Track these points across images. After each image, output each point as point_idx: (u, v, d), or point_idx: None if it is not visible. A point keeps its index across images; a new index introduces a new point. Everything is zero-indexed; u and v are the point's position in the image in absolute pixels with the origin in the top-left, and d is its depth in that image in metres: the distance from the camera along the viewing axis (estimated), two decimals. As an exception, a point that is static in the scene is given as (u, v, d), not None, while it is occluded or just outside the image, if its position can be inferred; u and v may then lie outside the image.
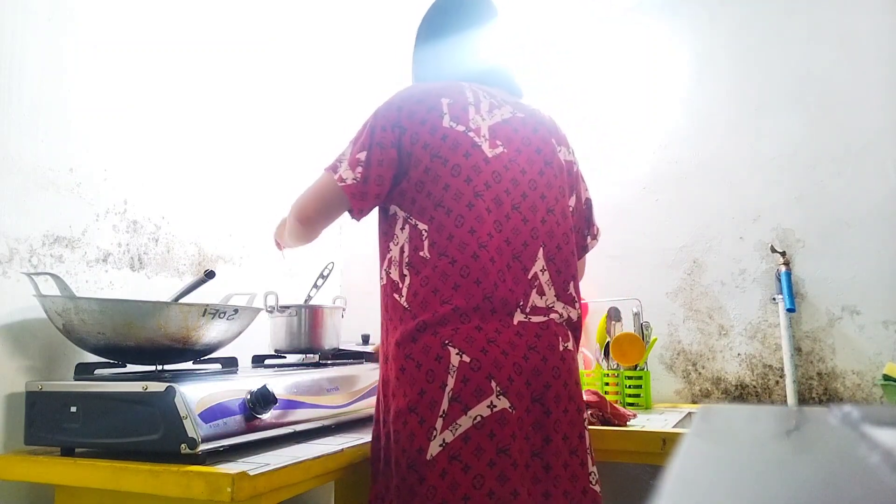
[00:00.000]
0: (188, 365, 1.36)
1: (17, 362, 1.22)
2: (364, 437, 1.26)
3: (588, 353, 1.79)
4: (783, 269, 1.71)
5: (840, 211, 1.70)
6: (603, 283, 1.91)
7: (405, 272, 1.09)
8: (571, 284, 1.17)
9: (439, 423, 0.99)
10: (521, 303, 1.09)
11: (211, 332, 1.22)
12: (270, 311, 1.58)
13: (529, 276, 1.11)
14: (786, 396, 1.68)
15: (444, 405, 1.00)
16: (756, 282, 1.78)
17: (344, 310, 1.71)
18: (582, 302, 1.89)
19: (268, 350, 1.65)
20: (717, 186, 1.85)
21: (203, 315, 1.19)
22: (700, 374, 1.82)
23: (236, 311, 1.25)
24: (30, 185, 1.28)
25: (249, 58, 1.88)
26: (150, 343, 1.15)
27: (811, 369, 1.69)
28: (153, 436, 1.02)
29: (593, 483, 1.10)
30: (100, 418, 1.07)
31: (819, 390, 1.68)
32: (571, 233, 1.20)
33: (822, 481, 0.29)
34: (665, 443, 1.29)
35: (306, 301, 1.70)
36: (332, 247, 2.23)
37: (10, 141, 1.25)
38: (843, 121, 1.72)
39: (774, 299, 1.73)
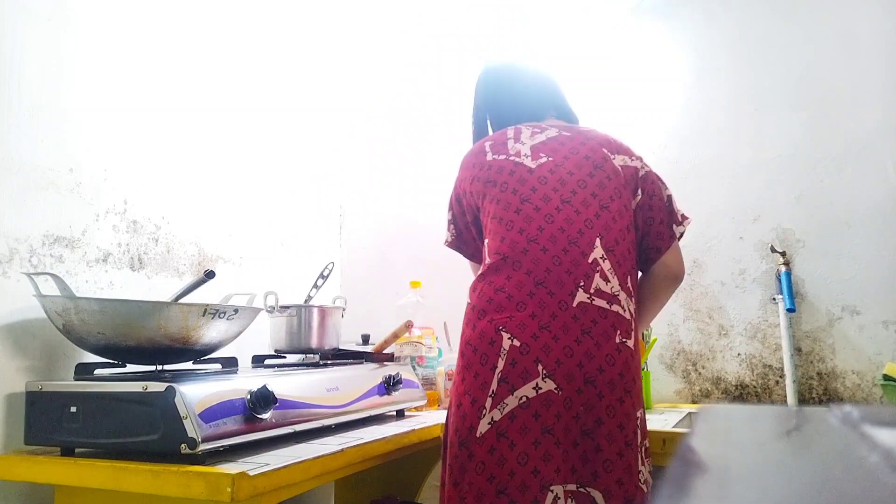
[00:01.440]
0: (188, 365, 1.36)
1: (17, 362, 1.22)
2: (364, 437, 1.26)
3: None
4: (783, 269, 1.71)
5: (840, 211, 1.70)
6: (603, 283, 1.90)
7: (476, 285, 1.20)
8: (629, 279, 1.18)
9: (489, 402, 1.07)
10: (583, 283, 1.12)
11: (211, 332, 1.22)
12: (270, 311, 1.58)
13: (590, 261, 1.14)
14: (786, 396, 1.68)
15: (494, 386, 1.07)
16: (756, 282, 1.78)
17: (344, 310, 1.71)
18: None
19: (268, 350, 1.65)
20: (717, 186, 1.85)
21: (203, 315, 1.19)
22: (700, 374, 1.82)
23: (236, 311, 1.25)
24: (30, 185, 1.28)
25: (249, 57, 1.88)
26: (150, 343, 1.15)
27: (811, 369, 1.69)
28: (153, 436, 1.02)
29: (641, 482, 1.09)
30: (100, 418, 1.07)
31: (819, 390, 1.68)
32: (630, 230, 1.22)
33: (822, 481, 0.29)
34: (665, 443, 1.29)
35: (306, 301, 1.70)
36: (332, 247, 2.23)
37: (10, 141, 1.25)
38: (843, 121, 1.72)
39: (774, 299, 1.73)
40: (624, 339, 1.13)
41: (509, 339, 1.09)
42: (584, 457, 1.06)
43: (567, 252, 1.13)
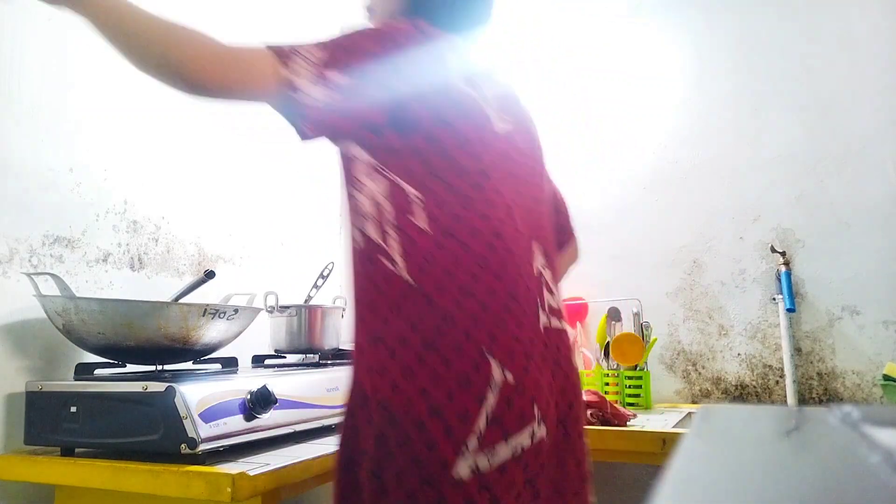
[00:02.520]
0: (188, 365, 1.36)
1: (17, 362, 1.22)
2: (364, 437, 1.26)
3: (588, 353, 1.79)
4: (783, 269, 1.71)
5: (840, 211, 1.70)
6: (603, 283, 1.91)
7: (391, 232, 0.86)
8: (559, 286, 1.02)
9: (472, 441, 0.79)
10: (540, 301, 0.91)
11: (211, 332, 1.22)
12: (270, 311, 1.58)
13: (536, 273, 0.93)
14: (786, 396, 1.68)
15: (481, 424, 0.80)
16: (756, 282, 1.78)
17: (344, 310, 1.71)
18: (582, 302, 1.91)
19: (268, 350, 1.65)
20: (717, 186, 1.85)
21: (203, 315, 1.19)
22: (700, 374, 1.82)
23: (236, 311, 1.25)
24: (30, 185, 1.28)
25: (249, 58, 1.88)
26: (150, 343, 1.15)
27: (811, 369, 1.69)
28: (153, 436, 1.02)
29: None
30: (100, 418, 1.07)
31: (819, 390, 1.68)
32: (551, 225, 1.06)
33: (822, 481, 0.29)
34: (665, 443, 1.29)
35: (306, 301, 1.70)
36: (332, 247, 2.24)
37: (10, 141, 1.25)
38: (843, 121, 1.72)
39: (774, 299, 1.73)
40: (575, 359, 0.98)
41: (500, 369, 0.82)
42: None
43: (525, 263, 0.91)
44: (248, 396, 1.12)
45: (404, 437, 0.80)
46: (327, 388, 1.33)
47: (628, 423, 1.38)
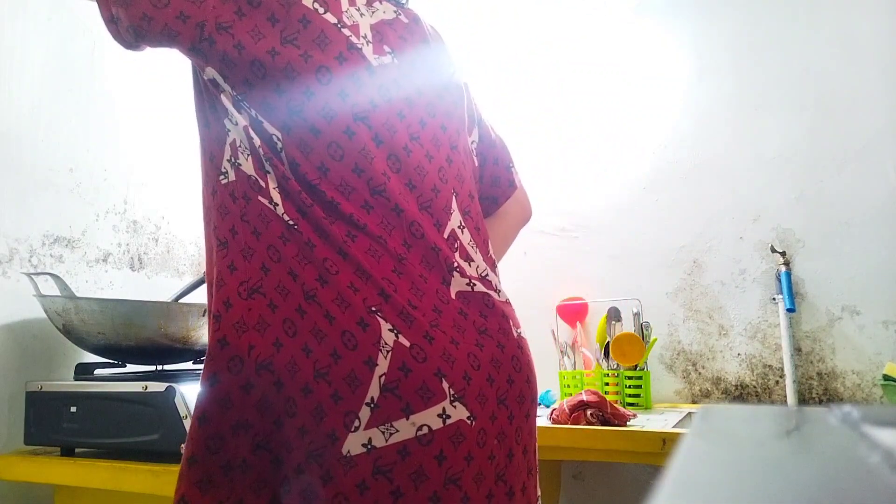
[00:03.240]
0: (188, 365, 1.36)
1: (17, 362, 1.22)
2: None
3: (588, 353, 1.79)
4: (783, 269, 1.72)
5: (840, 211, 1.70)
6: (603, 283, 1.91)
7: (266, 167, 0.75)
8: (490, 246, 0.89)
9: (365, 412, 0.68)
10: (457, 265, 0.80)
11: (211, 332, 1.22)
12: (270, 311, 1.58)
13: (446, 235, 0.81)
14: (786, 396, 1.68)
15: (374, 391, 0.68)
16: (756, 282, 1.78)
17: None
18: (582, 302, 1.91)
19: (268, 350, 1.65)
20: (717, 186, 1.85)
21: (203, 315, 1.19)
22: (700, 374, 1.82)
23: (236, 311, 1.25)
24: (30, 185, 1.28)
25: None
26: (150, 343, 1.15)
27: (811, 369, 1.69)
28: (153, 436, 1.02)
29: None
30: (100, 418, 1.07)
31: (819, 390, 1.68)
32: (476, 179, 0.94)
33: (822, 481, 0.29)
34: (665, 443, 1.29)
35: (306, 301, 1.69)
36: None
37: (10, 141, 1.25)
38: (843, 121, 1.72)
39: (774, 299, 1.73)
40: (518, 330, 0.84)
41: (391, 330, 0.70)
42: None
43: (425, 219, 0.79)
44: (248, 396, 1.12)
45: (290, 404, 0.69)
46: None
47: (628, 423, 1.38)
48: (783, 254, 1.73)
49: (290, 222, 0.73)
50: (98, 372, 1.20)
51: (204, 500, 0.71)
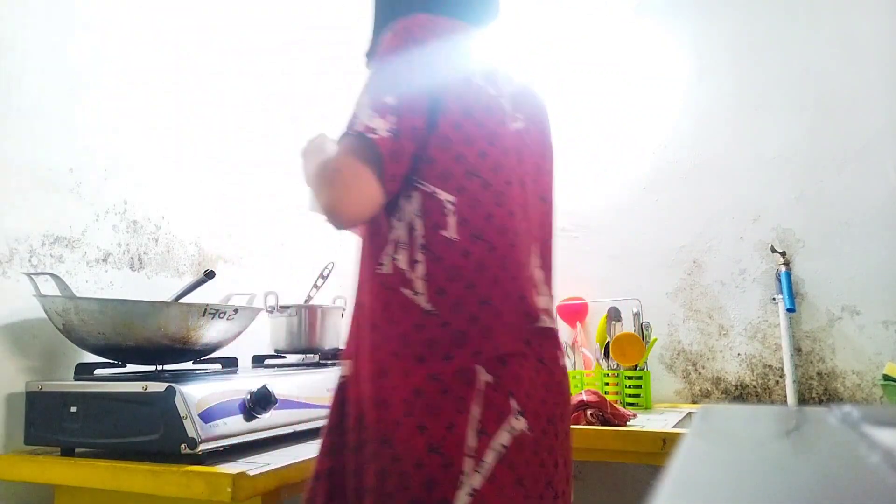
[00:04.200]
0: (188, 365, 1.36)
1: (17, 362, 1.22)
2: (364, 437, 1.26)
3: (588, 353, 1.79)
4: (783, 269, 1.72)
5: (840, 211, 1.70)
6: (603, 283, 1.91)
7: (418, 257, 0.84)
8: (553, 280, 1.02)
9: (468, 464, 0.78)
10: (531, 301, 0.92)
11: (211, 332, 1.22)
12: (270, 311, 1.58)
13: (530, 273, 0.94)
14: (786, 396, 1.68)
15: (471, 440, 0.78)
16: (756, 282, 1.78)
17: (344, 310, 1.71)
18: (582, 302, 1.91)
19: (268, 350, 1.65)
20: (717, 186, 1.85)
21: (203, 315, 1.19)
22: (700, 374, 1.82)
23: (236, 311, 1.25)
24: (30, 186, 1.28)
25: (250, 57, 1.88)
26: (150, 343, 1.15)
27: (811, 369, 1.69)
28: (153, 436, 1.02)
29: None
30: (100, 418, 1.07)
31: (819, 390, 1.68)
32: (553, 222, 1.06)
33: (822, 481, 0.29)
34: (665, 443, 1.29)
35: (306, 301, 1.70)
36: (332, 247, 2.23)
37: (9, 141, 1.25)
38: (843, 121, 1.72)
39: (774, 299, 1.73)
40: (563, 359, 0.96)
41: (484, 373, 0.82)
42: None
43: (526, 261, 0.91)
44: (248, 396, 1.12)
45: (402, 475, 0.78)
46: (327, 388, 1.33)
47: (628, 423, 1.38)
48: (783, 254, 1.73)
49: (429, 307, 0.84)
50: (98, 372, 1.20)
51: None
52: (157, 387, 1.03)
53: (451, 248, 0.84)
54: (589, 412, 1.37)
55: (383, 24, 0.97)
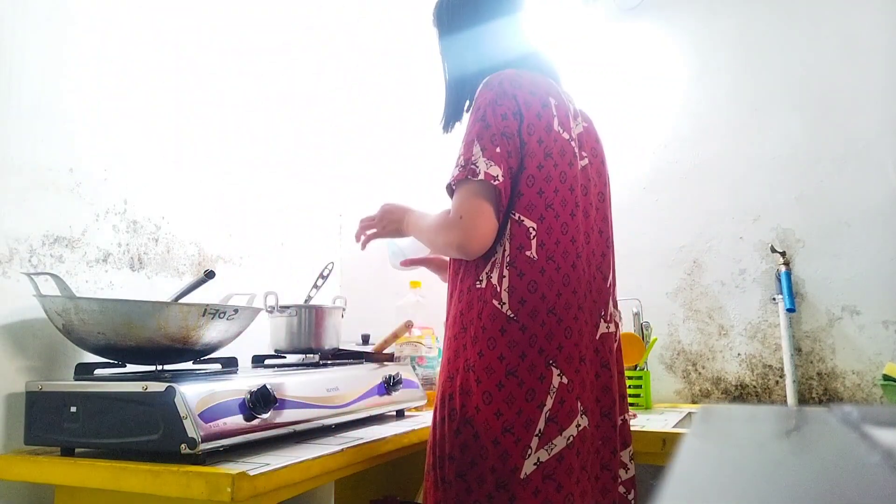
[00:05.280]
0: (188, 365, 1.36)
1: (17, 362, 1.22)
2: (364, 437, 1.26)
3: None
4: (783, 269, 1.71)
5: (840, 211, 1.70)
6: (603, 283, 1.90)
7: (505, 272, 1.04)
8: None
9: (535, 441, 0.99)
10: (603, 312, 1.13)
11: (211, 332, 1.22)
12: (270, 311, 1.58)
13: (608, 286, 1.15)
14: (786, 396, 1.68)
15: (541, 424, 0.99)
16: (756, 282, 1.78)
17: (344, 310, 1.71)
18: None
19: (268, 350, 1.65)
20: (717, 186, 1.85)
21: (203, 315, 1.19)
22: (700, 374, 1.82)
23: (236, 311, 1.25)
24: (30, 185, 1.27)
25: (251, 58, 1.88)
26: (150, 343, 1.15)
27: (811, 369, 1.69)
28: (153, 436, 1.02)
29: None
30: (100, 418, 1.07)
31: (819, 390, 1.68)
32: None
33: (822, 481, 0.29)
34: (665, 443, 1.29)
35: (306, 301, 1.69)
36: (332, 247, 2.23)
37: (9, 141, 1.25)
38: (843, 121, 1.72)
39: (774, 299, 1.73)
40: (619, 355, 1.17)
41: (559, 375, 1.01)
42: (605, 489, 1.09)
43: (595, 280, 1.12)
44: (248, 396, 1.12)
45: (483, 449, 1.00)
46: (327, 388, 1.33)
47: (628, 423, 1.38)
48: (783, 254, 1.73)
49: (511, 315, 1.04)
50: (98, 372, 1.20)
51: (436, 495, 1.05)
52: (157, 387, 1.03)
53: (531, 265, 1.04)
54: (589, 412, 1.37)
55: (461, 87, 1.22)
